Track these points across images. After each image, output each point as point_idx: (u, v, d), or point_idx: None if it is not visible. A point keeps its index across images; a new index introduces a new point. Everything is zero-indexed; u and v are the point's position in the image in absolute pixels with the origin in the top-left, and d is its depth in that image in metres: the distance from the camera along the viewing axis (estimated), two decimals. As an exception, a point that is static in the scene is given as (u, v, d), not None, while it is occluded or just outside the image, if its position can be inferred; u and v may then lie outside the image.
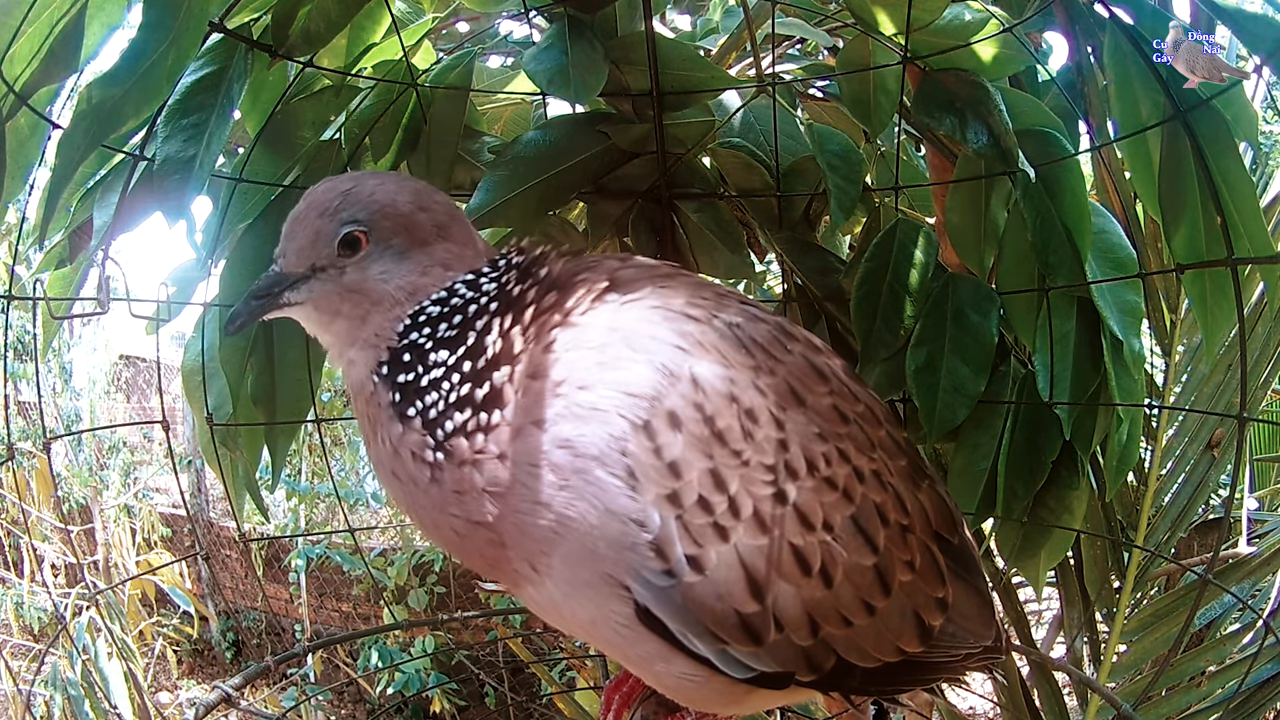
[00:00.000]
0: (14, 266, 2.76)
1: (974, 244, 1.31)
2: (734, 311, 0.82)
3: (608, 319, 0.78)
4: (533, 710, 4.34)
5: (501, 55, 1.72)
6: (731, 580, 0.72)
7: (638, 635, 0.75)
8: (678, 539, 0.71)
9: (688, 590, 0.72)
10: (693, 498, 0.71)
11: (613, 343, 0.75)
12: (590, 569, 0.73)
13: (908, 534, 0.83)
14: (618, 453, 0.71)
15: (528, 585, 0.79)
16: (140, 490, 6.27)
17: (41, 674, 3.84)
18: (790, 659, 0.76)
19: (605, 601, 0.74)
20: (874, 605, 0.79)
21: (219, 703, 1.19)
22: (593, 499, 0.71)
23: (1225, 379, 2.15)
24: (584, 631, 0.82)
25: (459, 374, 0.78)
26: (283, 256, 0.86)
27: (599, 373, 0.73)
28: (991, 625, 0.92)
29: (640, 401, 0.72)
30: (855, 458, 0.80)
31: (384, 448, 0.80)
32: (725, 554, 0.72)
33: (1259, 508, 2.66)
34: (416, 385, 0.79)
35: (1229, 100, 1.01)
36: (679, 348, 0.75)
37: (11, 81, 0.84)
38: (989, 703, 3.63)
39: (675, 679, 0.80)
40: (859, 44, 1.25)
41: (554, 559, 0.74)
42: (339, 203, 0.84)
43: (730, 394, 0.74)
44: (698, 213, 1.35)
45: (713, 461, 0.72)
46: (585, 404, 0.72)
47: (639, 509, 0.71)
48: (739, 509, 0.73)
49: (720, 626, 0.73)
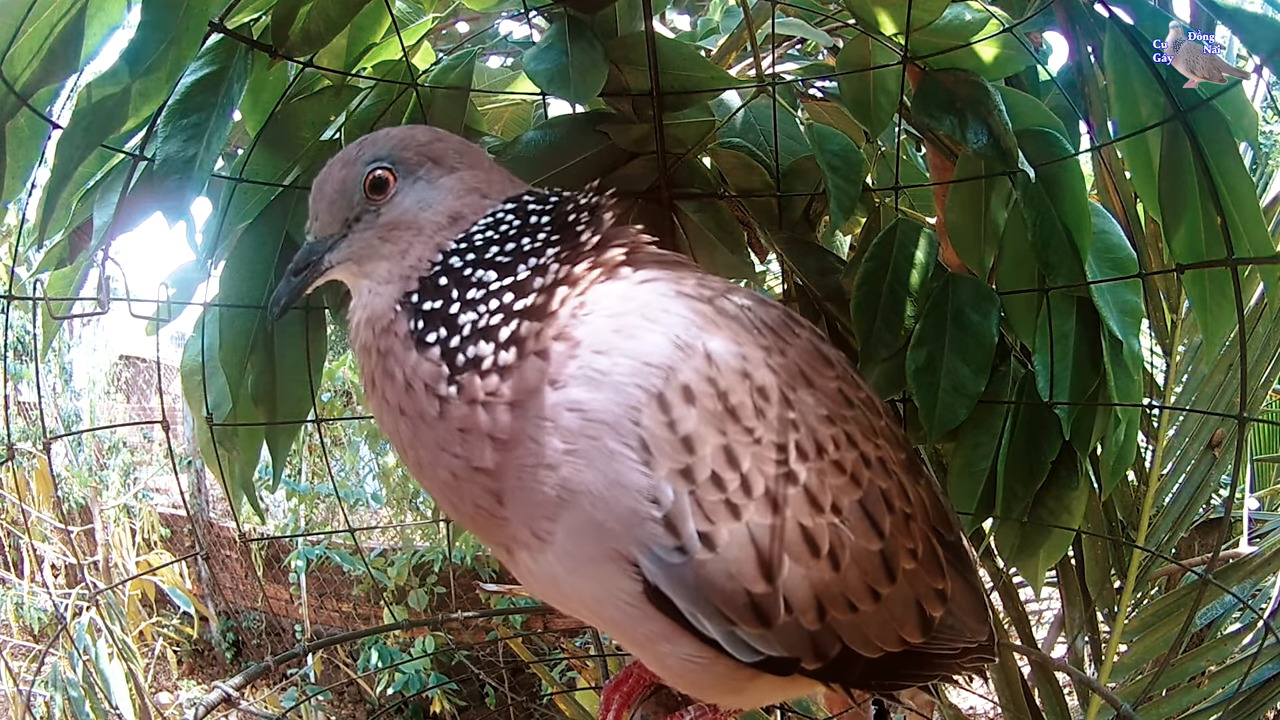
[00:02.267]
0: (14, 267, 2.76)
1: (974, 244, 1.31)
2: (743, 295, 0.82)
3: (623, 290, 0.77)
4: (533, 710, 4.34)
5: (501, 56, 1.72)
6: (743, 559, 0.72)
7: (644, 614, 0.74)
8: (690, 515, 0.70)
9: (699, 568, 0.71)
10: (706, 474, 0.71)
11: (628, 312, 0.74)
12: (597, 543, 0.72)
13: (911, 523, 0.83)
14: (630, 422, 0.70)
15: (523, 552, 0.77)
16: (140, 490, 6.28)
17: (42, 674, 3.84)
18: (797, 643, 0.76)
19: (612, 578, 0.73)
20: (879, 591, 0.79)
21: (219, 703, 1.19)
22: (603, 468, 0.70)
23: (1226, 379, 2.15)
24: (585, 608, 0.81)
25: (498, 302, 0.75)
26: (315, 222, 0.86)
27: (615, 339, 0.72)
28: (985, 622, 0.93)
29: (656, 371, 0.71)
30: (862, 443, 0.80)
31: (393, 381, 0.77)
32: (737, 532, 0.71)
33: (1260, 508, 2.66)
34: (446, 309, 0.76)
35: (1229, 100, 1.01)
36: (693, 322, 0.74)
37: (11, 81, 0.84)
38: (989, 703, 3.63)
39: (679, 660, 0.79)
40: (859, 44, 1.25)
41: (557, 528, 0.73)
42: (358, 150, 0.84)
43: (743, 370, 0.73)
44: (698, 213, 1.35)
45: (726, 438, 0.72)
46: (601, 369, 0.71)
47: (651, 483, 0.70)
48: (751, 487, 0.72)
49: (730, 606, 0.72)
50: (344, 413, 5.08)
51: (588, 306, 0.75)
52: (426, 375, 0.75)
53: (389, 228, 0.82)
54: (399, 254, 0.81)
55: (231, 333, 1.23)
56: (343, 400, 5.26)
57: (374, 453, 5.79)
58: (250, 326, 1.24)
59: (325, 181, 0.85)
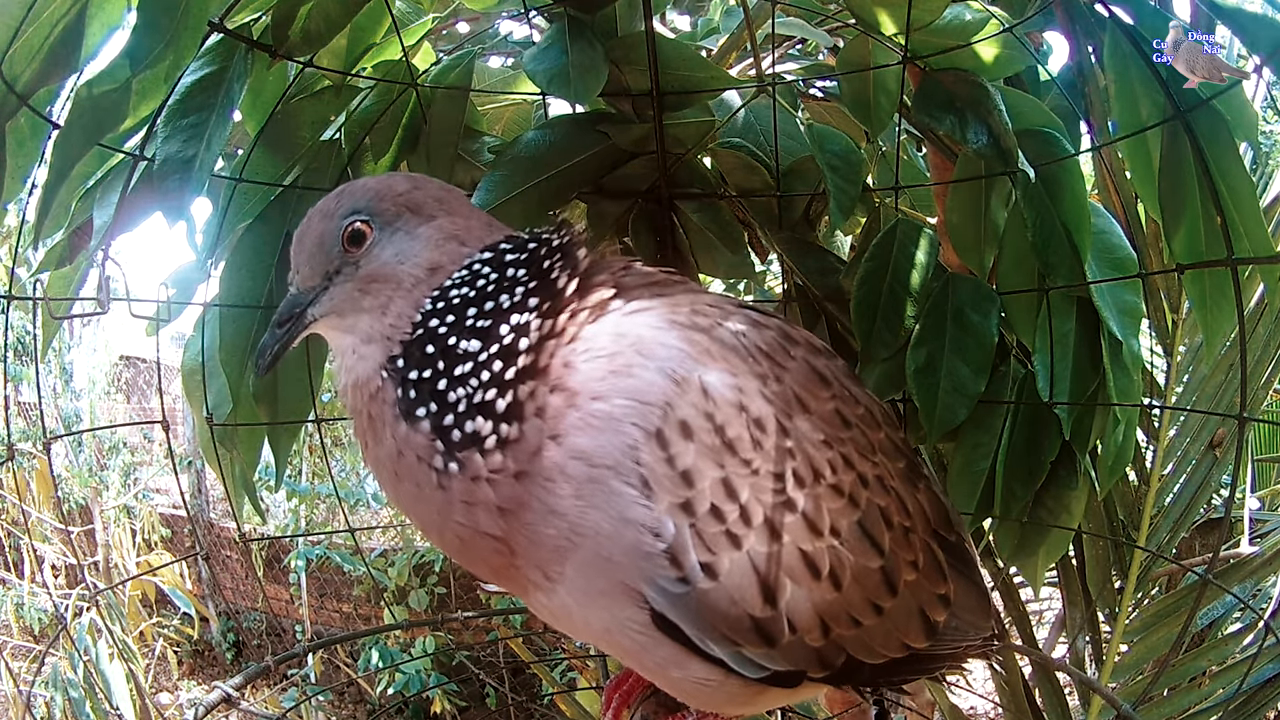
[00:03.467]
0: (14, 268, 2.77)
1: (974, 244, 1.31)
2: (738, 319, 0.82)
3: (614, 326, 0.77)
4: (534, 711, 4.34)
5: (502, 56, 1.72)
6: (744, 586, 0.73)
7: (654, 641, 0.76)
8: (692, 547, 0.71)
9: (702, 596, 0.72)
10: (705, 506, 0.72)
11: (623, 350, 0.74)
12: (605, 578, 0.74)
13: (910, 535, 0.84)
14: (631, 462, 0.71)
15: (537, 592, 0.79)
16: (140, 491, 6.27)
17: (42, 675, 3.84)
18: (802, 658, 0.78)
19: (621, 609, 0.75)
20: (882, 605, 0.80)
21: (219, 703, 1.19)
22: (607, 508, 0.71)
23: (1227, 379, 2.15)
24: (599, 639, 0.83)
25: (488, 373, 0.74)
26: (296, 274, 0.85)
27: (612, 381, 0.73)
28: (989, 615, 0.94)
29: (653, 409, 0.72)
30: (859, 464, 0.81)
31: (385, 447, 0.77)
32: (738, 560, 0.73)
33: (1260, 508, 2.66)
34: (434, 384, 0.75)
35: (1229, 100, 1.01)
36: (688, 355, 0.75)
37: (11, 81, 0.84)
38: (990, 703, 3.63)
39: (692, 684, 0.81)
40: (859, 44, 1.25)
41: (567, 568, 0.74)
42: (335, 202, 0.83)
43: (739, 403, 0.74)
44: (698, 213, 1.35)
45: (724, 470, 0.73)
46: (600, 414, 0.72)
47: (653, 517, 0.71)
48: (750, 517, 0.73)
49: (735, 630, 0.74)
50: (344, 413, 5.06)
51: (579, 351, 0.75)
52: (419, 448, 0.75)
53: (367, 280, 0.81)
54: (379, 309, 0.81)
55: (231, 332, 1.23)
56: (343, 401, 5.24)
57: (374, 453, 5.77)
58: (250, 326, 1.24)
59: (305, 234, 0.84)
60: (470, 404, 0.74)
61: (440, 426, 0.74)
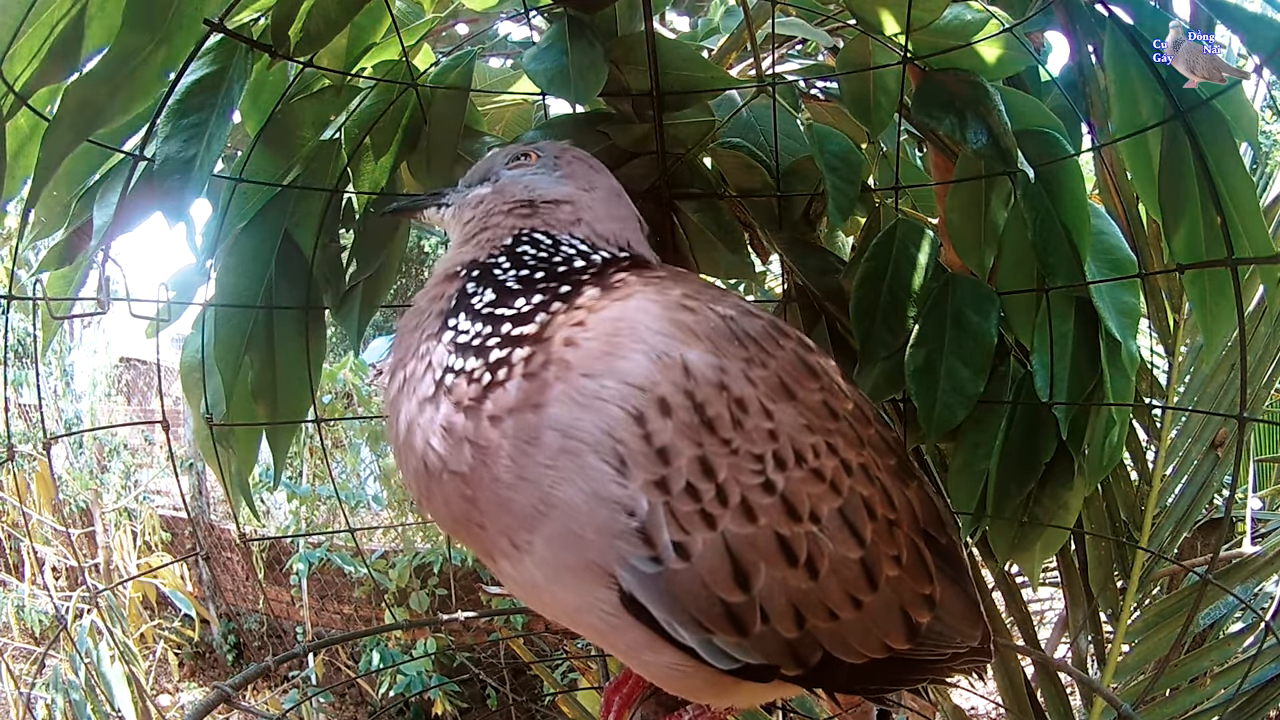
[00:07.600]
0: (14, 268, 2.77)
1: (974, 244, 1.31)
2: (729, 305, 0.82)
3: (615, 312, 0.78)
4: (535, 711, 4.34)
5: (502, 56, 1.72)
6: (717, 568, 0.72)
7: (624, 624, 0.75)
8: (665, 525, 0.71)
9: (673, 577, 0.72)
10: (680, 484, 0.71)
11: (618, 333, 0.75)
12: (575, 554, 0.73)
13: (895, 529, 0.83)
14: (611, 440, 0.71)
15: (503, 560, 0.78)
16: (141, 493, 6.28)
17: (43, 677, 3.85)
18: (775, 651, 0.76)
19: (590, 588, 0.74)
20: (860, 599, 0.79)
21: (218, 702, 1.19)
22: (582, 483, 0.71)
23: (1228, 379, 2.15)
24: (569, 618, 0.82)
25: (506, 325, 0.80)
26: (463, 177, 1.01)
27: (606, 361, 0.73)
28: (978, 626, 0.92)
29: (636, 391, 0.72)
30: (843, 451, 0.80)
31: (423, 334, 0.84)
32: (712, 541, 0.72)
33: (1262, 508, 2.65)
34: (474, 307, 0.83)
35: (1229, 100, 1.01)
36: (672, 336, 0.75)
37: (11, 81, 0.84)
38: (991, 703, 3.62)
39: (663, 669, 0.80)
40: (859, 44, 1.25)
41: (536, 538, 0.74)
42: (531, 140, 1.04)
43: (721, 382, 0.74)
44: (698, 213, 1.35)
45: (701, 449, 0.72)
46: (586, 392, 0.72)
47: (627, 495, 0.70)
48: (726, 497, 0.72)
49: (705, 615, 0.73)
50: (344, 414, 5.08)
51: (584, 333, 0.76)
52: (435, 355, 0.81)
53: (497, 190, 0.95)
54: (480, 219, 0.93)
55: (226, 331, 1.23)
56: (343, 402, 5.26)
57: (375, 454, 5.79)
58: (245, 325, 1.24)
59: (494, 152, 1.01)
60: (480, 340, 0.79)
61: (456, 345, 0.80)
